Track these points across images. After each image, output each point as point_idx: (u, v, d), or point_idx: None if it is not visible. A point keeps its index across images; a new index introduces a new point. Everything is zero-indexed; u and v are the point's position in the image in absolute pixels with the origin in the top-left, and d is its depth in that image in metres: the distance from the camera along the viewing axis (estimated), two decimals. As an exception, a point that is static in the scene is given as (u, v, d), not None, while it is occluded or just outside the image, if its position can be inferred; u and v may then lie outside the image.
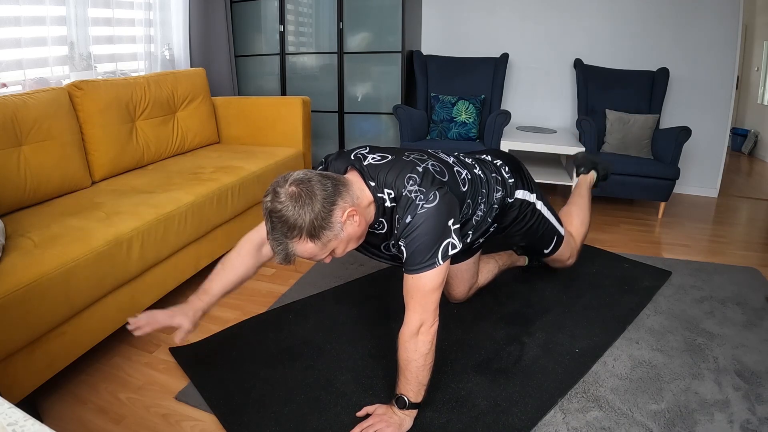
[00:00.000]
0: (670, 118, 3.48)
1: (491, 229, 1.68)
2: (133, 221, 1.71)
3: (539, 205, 1.74)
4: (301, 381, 1.52)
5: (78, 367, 1.61)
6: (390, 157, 1.35)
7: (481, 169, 1.56)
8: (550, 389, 1.48)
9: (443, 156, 1.49)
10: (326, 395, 1.47)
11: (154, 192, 1.99)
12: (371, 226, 1.34)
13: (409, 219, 1.25)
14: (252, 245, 1.46)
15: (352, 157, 1.37)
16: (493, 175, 1.60)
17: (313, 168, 1.37)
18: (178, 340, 1.35)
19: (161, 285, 1.87)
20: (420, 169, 1.30)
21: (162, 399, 1.49)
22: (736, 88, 3.64)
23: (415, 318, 1.27)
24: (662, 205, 3.14)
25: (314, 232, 1.15)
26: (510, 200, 1.65)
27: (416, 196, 1.25)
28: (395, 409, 1.33)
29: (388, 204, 1.29)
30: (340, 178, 1.24)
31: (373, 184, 1.29)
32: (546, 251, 1.89)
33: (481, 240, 1.70)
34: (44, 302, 1.35)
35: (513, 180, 1.66)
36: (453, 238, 1.27)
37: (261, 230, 1.43)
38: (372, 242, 1.42)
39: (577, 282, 2.11)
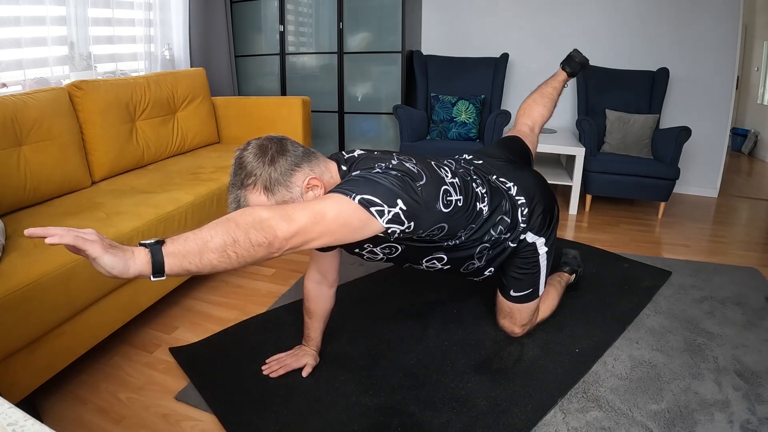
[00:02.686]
0: (670, 118, 3.48)
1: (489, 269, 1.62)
2: (133, 221, 1.71)
3: (542, 251, 1.62)
4: (301, 381, 1.52)
5: (78, 367, 1.61)
6: (376, 152, 1.34)
7: (490, 209, 1.44)
8: (550, 389, 1.48)
9: (444, 173, 1.30)
10: (326, 395, 1.46)
11: (154, 192, 1.99)
12: None
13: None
14: (314, 284, 1.56)
15: (337, 152, 1.37)
16: (500, 217, 1.48)
17: None
18: (306, 374, 1.54)
19: (161, 285, 1.86)
20: (394, 162, 1.24)
21: (162, 399, 1.49)
22: (736, 88, 3.64)
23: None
24: (662, 205, 3.14)
25: (269, 186, 1.13)
26: (512, 244, 1.56)
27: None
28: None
29: None
30: (315, 152, 1.23)
31: (345, 168, 1.27)
32: (513, 294, 1.66)
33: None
34: (44, 302, 1.35)
35: (525, 225, 1.56)
36: (398, 212, 1.10)
37: (312, 266, 1.56)
38: None
39: (577, 282, 2.11)
